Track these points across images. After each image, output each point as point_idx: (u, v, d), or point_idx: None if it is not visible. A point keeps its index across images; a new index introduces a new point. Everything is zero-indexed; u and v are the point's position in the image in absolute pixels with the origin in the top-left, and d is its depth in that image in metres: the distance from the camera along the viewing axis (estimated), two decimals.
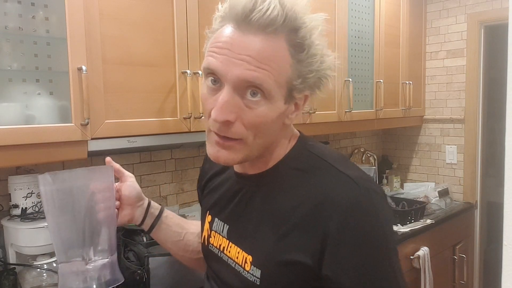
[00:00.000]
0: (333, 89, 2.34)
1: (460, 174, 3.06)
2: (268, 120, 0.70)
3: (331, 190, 0.72)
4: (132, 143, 1.52)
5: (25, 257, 1.47)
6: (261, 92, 0.68)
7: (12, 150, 1.25)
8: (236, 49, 0.67)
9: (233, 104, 0.68)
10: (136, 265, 1.48)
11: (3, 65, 1.26)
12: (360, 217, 0.69)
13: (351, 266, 0.69)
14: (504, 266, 0.70)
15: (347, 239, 0.68)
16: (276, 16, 0.65)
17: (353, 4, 2.45)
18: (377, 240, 0.70)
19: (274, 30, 0.66)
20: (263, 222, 0.78)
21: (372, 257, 0.69)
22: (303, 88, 0.72)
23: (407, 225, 2.41)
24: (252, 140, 0.71)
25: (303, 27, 0.69)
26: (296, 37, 0.68)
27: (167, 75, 1.60)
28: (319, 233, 0.70)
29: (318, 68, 0.71)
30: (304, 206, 0.73)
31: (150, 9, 1.54)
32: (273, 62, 0.67)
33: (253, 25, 0.66)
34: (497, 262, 1.16)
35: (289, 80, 0.70)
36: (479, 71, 2.94)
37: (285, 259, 0.73)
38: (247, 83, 0.67)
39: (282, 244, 0.74)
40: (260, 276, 0.75)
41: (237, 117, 0.69)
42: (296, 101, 0.74)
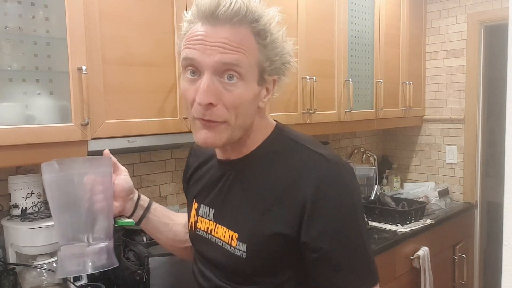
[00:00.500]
0: (332, 89, 2.35)
1: (460, 174, 3.06)
2: (245, 101, 0.78)
3: (306, 166, 0.81)
4: (132, 143, 1.52)
5: (25, 257, 1.47)
6: (237, 75, 0.76)
7: (12, 150, 1.25)
8: (209, 38, 0.75)
9: (214, 88, 0.76)
10: (136, 265, 1.48)
11: (3, 65, 1.26)
12: (331, 187, 0.78)
13: (325, 231, 0.77)
14: (504, 266, 0.70)
15: (320, 207, 0.77)
16: (238, 8, 0.75)
17: (353, 4, 2.45)
18: (347, 208, 0.79)
19: (239, 21, 0.75)
20: (246, 201, 0.85)
21: (343, 222, 0.78)
22: (271, 71, 0.81)
23: (407, 225, 2.41)
24: (234, 121, 0.79)
25: (263, 17, 0.78)
26: (258, 25, 0.77)
27: (167, 75, 1.60)
28: (297, 204, 0.79)
29: (282, 52, 0.81)
30: (283, 183, 0.81)
31: (150, 9, 1.54)
32: (244, 46, 0.76)
33: (220, 18, 0.75)
34: (497, 262, 1.16)
35: (259, 62, 0.79)
36: (479, 71, 2.94)
37: (268, 232, 0.80)
38: (225, 65, 0.75)
39: (265, 218, 0.81)
40: (246, 250, 0.82)
41: (218, 100, 0.76)
42: (267, 85, 0.83)
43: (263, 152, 0.87)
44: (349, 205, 0.79)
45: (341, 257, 0.78)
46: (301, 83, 2.13)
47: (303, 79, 2.13)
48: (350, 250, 0.79)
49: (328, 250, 0.78)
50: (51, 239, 1.43)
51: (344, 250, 0.79)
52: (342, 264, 0.79)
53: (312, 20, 2.18)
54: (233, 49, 0.75)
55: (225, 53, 0.75)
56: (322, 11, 2.26)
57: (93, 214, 0.84)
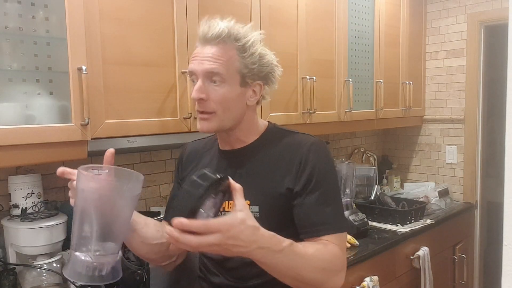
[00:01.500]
0: (332, 89, 2.35)
1: (460, 174, 3.06)
2: (228, 98, 1.06)
3: (300, 141, 1.12)
4: (132, 143, 1.52)
5: (25, 257, 1.47)
6: (219, 79, 1.05)
7: (12, 150, 1.25)
8: (202, 54, 1.06)
9: (204, 88, 1.06)
10: (136, 265, 1.48)
11: (3, 65, 1.26)
12: (318, 149, 1.10)
13: (312, 176, 1.06)
14: (504, 266, 0.70)
15: (310, 160, 1.08)
16: (221, 32, 1.05)
17: (353, 4, 2.45)
18: (329, 164, 1.11)
19: (223, 40, 1.06)
20: (253, 175, 1.11)
21: (326, 172, 1.09)
22: (252, 77, 1.09)
23: (407, 225, 2.41)
24: (222, 113, 1.07)
25: (243, 38, 1.07)
26: (238, 43, 1.07)
27: (167, 75, 1.60)
28: (295, 166, 1.08)
29: (259, 62, 1.09)
30: (283, 155, 1.11)
31: (150, 9, 1.54)
32: (224, 58, 1.05)
33: (209, 40, 1.06)
34: (497, 262, 1.16)
35: (239, 69, 1.07)
36: (479, 71, 2.94)
37: (275, 191, 1.08)
38: (209, 73, 1.05)
39: (270, 183, 1.09)
40: (259, 210, 1.08)
41: (208, 97, 1.06)
42: (252, 87, 1.10)
43: (262, 140, 1.15)
44: (331, 163, 1.11)
45: (324, 197, 1.06)
46: (301, 83, 2.13)
47: (303, 79, 2.14)
48: (331, 194, 1.08)
49: (314, 190, 1.05)
50: (51, 239, 1.43)
51: (326, 192, 1.07)
52: (325, 203, 1.06)
53: (312, 20, 2.18)
54: (215, 61, 1.05)
55: (210, 65, 1.05)
56: (322, 11, 2.26)
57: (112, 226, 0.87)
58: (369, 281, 1.97)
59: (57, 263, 1.47)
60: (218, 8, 1.74)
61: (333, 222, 1.06)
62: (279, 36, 2.01)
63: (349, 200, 2.30)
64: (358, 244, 2.09)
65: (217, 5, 1.74)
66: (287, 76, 2.07)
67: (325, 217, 1.05)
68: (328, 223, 1.05)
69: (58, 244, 1.48)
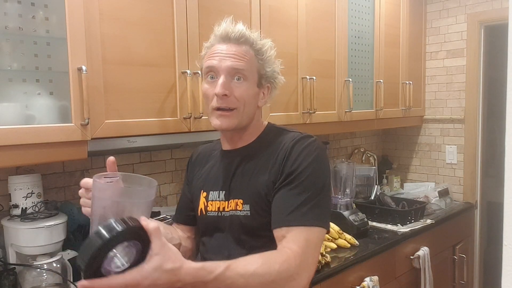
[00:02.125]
0: (332, 89, 2.35)
1: (460, 174, 3.06)
2: (249, 95, 1.10)
3: (288, 137, 1.13)
4: (132, 143, 1.52)
5: (25, 257, 1.47)
6: (243, 76, 1.08)
7: (12, 150, 1.25)
8: (225, 51, 1.09)
9: (228, 84, 1.08)
10: None
11: (3, 65, 1.26)
12: (302, 142, 1.09)
13: (293, 167, 1.05)
14: (504, 266, 0.70)
15: (293, 153, 1.07)
16: (244, 33, 1.09)
17: (353, 4, 2.45)
18: (312, 158, 1.06)
19: (244, 41, 1.10)
20: (249, 174, 1.12)
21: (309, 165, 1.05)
22: (266, 78, 1.14)
23: (407, 225, 2.41)
24: (242, 109, 1.10)
25: (260, 42, 1.12)
26: (256, 46, 1.11)
27: (167, 75, 1.60)
28: (278, 161, 1.08)
29: (272, 67, 1.15)
30: (274, 153, 1.10)
31: (150, 9, 1.54)
32: (247, 57, 1.09)
33: (231, 39, 1.09)
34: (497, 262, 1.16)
35: (258, 70, 1.12)
36: (479, 71, 2.94)
37: (264, 189, 1.07)
38: (234, 70, 1.08)
39: (260, 181, 1.09)
40: (250, 209, 1.09)
41: (231, 93, 1.08)
42: (263, 89, 1.15)
43: (260, 140, 1.17)
44: (317, 158, 1.06)
45: (300, 188, 1.03)
46: (301, 83, 2.13)
47: (303, 79, 2.13)
48: (311, 187, 1.03)
49: (291, 182, 1.03)
50: (51, 239, 1.43)
51: (304, 184, 1.03)
52: (300, 194, 1.02)
53: (312, 20, 2.18)
54: (240, 59, 1.08)
55: (236, 61, 1.07)
56: (322, 11, 2.26)
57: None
58: (369, 281, 1.97)
59: (57, 263, 1.47)
60: (218, 8, 1.74)
61: (304, 214, 1.01)
62: (279, 36, 2.01)
63: (349, 200, 2.30)
64: (358, 244, 2.09)
65: (217, 5, 1.74)
66: (287, 76, 2.06)
67: (295, 207, 1.01)
68: (297, 214, 1.00)
69: (58, 244, 1.48)
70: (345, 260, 1.92)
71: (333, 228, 2.11)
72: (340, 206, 2.27)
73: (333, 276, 1.82)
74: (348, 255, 1.99)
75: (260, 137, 1.17)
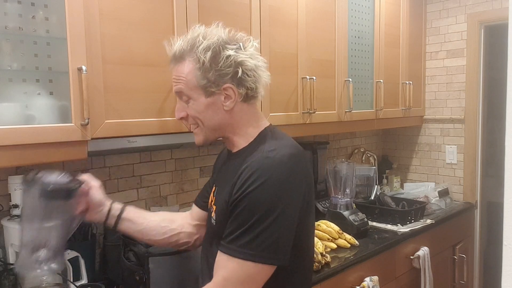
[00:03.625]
0: (332, 89, 2.35)
1: (460, 174, 3.06)
2: (200, 111, 1.10)
3: (257, 154, 1.05)
4: (132, 143, 1.52)
5: None
6: (186, 96, 1.10)
7: (12, 150, 1.25)
8: (172, 76, 1.12)
9: (181, 107, 1.13)
10: (136, 265, 1.48)
11: (3, 65, 1.26)
12: (262, 166, 0.99)
13: (238, 193, 0.99)
14: (504, 266, 0.70)
15: (243, 175, 1.00)
16: (176, 50, 1.09)
17: (353, 4, 2.45)
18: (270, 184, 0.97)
19: (182, 58, 1.09)
20: (224, 183, 1.12)
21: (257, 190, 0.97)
22: (215, 83, 1.06)
23: (407, 225, 2.41)
24: (202, 125, 1.12)
25: (196, 48, 1.06)
26: (192, 55, 1.07)
27: (167, 75, 1.58)
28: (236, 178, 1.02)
29: (216, 67, 1.05)
30: (240, 168, 1.03)
31: (150, 9, 1.54)
32: (184, 76, 1.08)
33: (172, 60, 1.11)
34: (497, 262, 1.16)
35: (198, 82, 1.07)
36: (479, 71, 2.94)
37: (223, 202, 1.05)
38: (177, 93, 1.12)
39: (224, 193, 1.06)
40: (216, 218, 1.11)
41: (186, 113, 1.12)
42: (224, 92, 1.07)
43: (248, 148, 1.12)
44: (263, 180, 0.97)
45: (245, 218, 0.97)
46: (301, 83, 2.13)
47: (303, 79, 2.14)
48: (257, 219, 0.96)
49: (238, 209, 0.99)
50: None
51: (250, 214, 0.97)
52: (244, 224, 0.97)
53: (312, 20, 2.18)
54: (177, 81, 1.10)
55: (175, 85, 1.11)
56: (322, 11, 2.26)
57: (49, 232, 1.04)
58: (369, 281, 1.97)
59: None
60: (218, 8, 1.74)
61: (238, 245, 0.97)
62: (279, 36, 2.01)
63: (349, 200, 2.30)
64: (358, 244, 2.09)
65: (217, 5, 1.74)
66: (287, 76, 2.07)
67: (233, 236, 0.98)
68: (230, 243, 0.98)
69: None
70: (345, 260, 1.93)
71: (333, 228, 2.11)
72: (340, 206, 2.27)
73: (333, 276, 1.82)
74: (348, 255, 1.99)
75: (249, 145, 1.12)
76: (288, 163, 1.01)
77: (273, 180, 0.98)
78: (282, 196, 0.98)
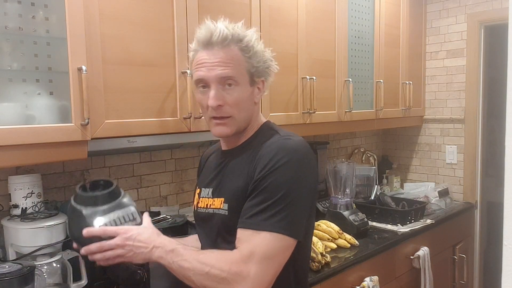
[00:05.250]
0: (332, 89, 2.35)
1: (460, 174, 3.06)
2: (243, 99, 1.09)
3: (272, 141, 1.09)
4: (132, 143, 1.52)
5: (25, 257, 1.47)
6: (233, 82, 1.07)
7: (12, 150, 1.25)
8: (210, 60, 1.06)
9: (219, 94, 1.07)
10: (136, 265, 1.48)
11: (3, 65, 1.26)
12: (275, 145, 1.07)
13: (262, 173, 1.02)
14: (504, 266, 0.70)
15: (264, 155, 1.04)
16: (226, 35, 1.05)
17: (353, 4, 2.45)
18: (291, 165, 1.02)
19: (228, 44, 1.06)
20: (233, 174, 1.12)
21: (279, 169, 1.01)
22: (258, 74, 1.11)
23: (407, 225, 2.41)
24: (238, 115, 1.10)
25: (245, 38, 1.08)
26: (242, 44, 1.07)
27: (167, 75, 1.60)
28: (254, 164, 1.06)
29: (263, 60, 1.11)
30: (255, 156, 1.08)
31: (150, 9, 1.54)
32: (234, 61, 1.06)
33: (214, 44, 1.06)
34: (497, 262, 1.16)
35: (247, 69, 1.09)
36: (479, 71, 2.94)
37: (240, 190, 1.06)
38: (224, 78, 1.06)
39: (239, 180, 1.08)
40: (228, 208, 1.09)
41: (224, 102, 1.07)
42: (258, 85, 1.13)
43: (251, 140, 1.15)
44: (294, 165, 1.02)
45: (268, 196, 1.00)
46: (301, 83, 2.13)
47: (303, 79, 2.14)
48: (280, 196, 1.00)
49: (262, 186, 1.01)
50: (51, 239, 1.43)
51: (274, 192, 1.00)
52: (264, 200, 1.00)
53: (312, 20, 2.18)
54: (226, 65, 1.05)
55: (222, 70, 1.05)
56: (322, 11, 2.26)
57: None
58: (369, 281, 1.97)
59: (57, 263, 1.47)
60: (218, 8, 1.74)
61: (262, 218, 0.99)
62: (279, 36, 2.01)
63: (349, 200, 2.30)
64: (358, 244, 2.09)
65: (217, 5, 1.74)
66: (287, 76, 2.07)
67: (255, 212, 1.00)
68: (255, 219, 0.99)
69: (58, 244, 1.48)
70: (345, 260, 1.92)
71: (333, 228, 2.11)
72: (340, 206, 2.27)
73: (333, 276, 1.82)
74: (348, 255, 1.99)
75: (251, 138, 1.16)
76: (305, 148, 1.08)
77: (294, 161, 1.03)
78: (302, 177, 1.04)
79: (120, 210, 1.04)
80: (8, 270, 1.15)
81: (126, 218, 1.04)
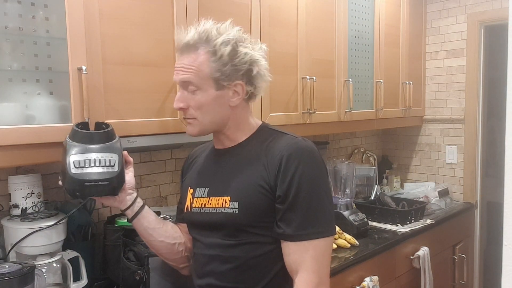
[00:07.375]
0: (332, 89, 2.35)
1: (460, 174, 3.06)
2: (205, 104, 1.11)
3: (284, 141, 1.12)
4: (132, 143, 1.52)
5: (25, 257, 1.47)
6: (193, 86, 1.10)
7: (12, 150, 1.25)
8: (178, 65, 1.13)
9: (183, 97, 1.13)
10: (136, 265, 1.48)
11: (3, 65, 1.26)
12: (298, 152, 1.07)
13: (292, 182, 1.04)
14: (504, 266, 0.70)
15: (291, 164, 1.05)
16: (189, 40, 1.09)
17: (353, 4, 2.45)
18: (311, 167, 1.07)
19: (196, 48, 1.09)
20: (237, 173, 1.13)
21: (308, 177, 1.05)
22: (228, 78, 1.09)
23: (407, 225, 2.41)
24: (201, 118, 1.12)
25: (215, 41, 1.08)
26: (210, 47, 1.08)
27: (167, 75, 1.60)
28: (276, 161, 1.07)
29: (232, 62, 1.08)
30: (267, 153, 1.10)
31: (150, 9, 1.54)
32: (195, 66, 1.08)
33: (183, 49, 1.11)
34: (497, 262, 1.16)
35: (210, 74, 1.08)
36: (479, 71, 2.94)
37: (254, 189, 1.08)
38: (184, 82, 1.11)
39: (251, 180, 1.09)
40: (238, 206, 1.09)
41: (187, 105, 1.12)
42: (233, 88, 1.11)
43: (251, 140, 1.17)
44: (314, 165, 1.08)
45: (304, 204, 1.04)
46: (301, 83, 2.13)
47: (303, 79, 2.14)
48: (313, 200, 1.05)
49: (294, 197, 1.04)
50: (51, 239, 1.43)
51: (307, 198, 1.04)
52: (305, 210, 1.04)
53: (312, 20, 2.18)
54: (186, 70, 1.09)
55: (182, 75, 1.10)
56: (322, 11, 2.25)
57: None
58: (369, 281, 1.97)
59: (57, 263, 1.47)
60: (218, 8, 1.74)
61: (315, 227, 1.05)
62: (279, 36, 2.01)
63: (349, 200, 2.30)
64: (358, 244, 2.09)
65: (217, 5, 1.74)
66: (287, 76, 2.07)
67: (298, 223, 1.05)
68: (302, 230, 1.05)
69: (58, 244, 1.48)
70: (345, 260, 1.93)
71: None
72: (340, 206, 2.27)
73: (333, 276, 1.82)
74: (348, 255, 1.99)
75: (251, 137, 1.17)
76: (315, 149, 1.12)
77: (314, 161, 1.09)
78: (324, 175, 1.11)
79: (101, 153, 1.15)
80: (8, 270, 1.15)
81: (102, 162, 1.14)
